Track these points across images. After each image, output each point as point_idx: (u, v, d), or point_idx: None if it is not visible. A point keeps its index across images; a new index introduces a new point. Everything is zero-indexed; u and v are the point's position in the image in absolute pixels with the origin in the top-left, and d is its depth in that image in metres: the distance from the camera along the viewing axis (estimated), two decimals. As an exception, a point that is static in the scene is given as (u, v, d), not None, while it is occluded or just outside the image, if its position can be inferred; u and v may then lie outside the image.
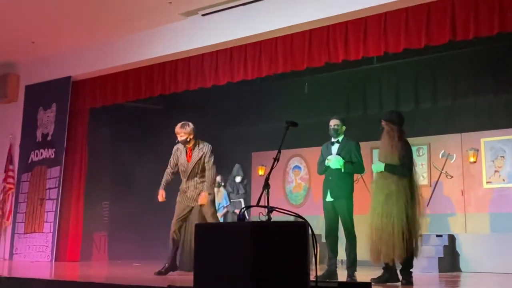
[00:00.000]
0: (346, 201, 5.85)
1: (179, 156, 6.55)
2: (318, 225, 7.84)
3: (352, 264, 5.77)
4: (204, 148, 6.45)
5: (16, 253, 9.72)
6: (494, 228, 8.18)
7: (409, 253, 5.37)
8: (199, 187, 6.42)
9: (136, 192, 9.63)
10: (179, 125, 6.42)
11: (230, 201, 10.02)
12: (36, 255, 9.40)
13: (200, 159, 6.42)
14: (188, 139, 6.39)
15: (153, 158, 9.69)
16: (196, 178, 6.45)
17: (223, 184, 9.83)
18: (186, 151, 6.51)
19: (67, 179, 9.52)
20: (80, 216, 9.51)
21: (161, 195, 6.55)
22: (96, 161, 9.84)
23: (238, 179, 9.96)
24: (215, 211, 6.53)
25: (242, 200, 9.80)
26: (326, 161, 5.93)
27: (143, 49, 8.69)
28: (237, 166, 10.09)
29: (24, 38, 9.17)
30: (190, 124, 6.43)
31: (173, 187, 7.73)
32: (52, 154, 9.72)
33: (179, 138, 6.41)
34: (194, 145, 6.46)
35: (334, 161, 5.87)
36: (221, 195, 9.67)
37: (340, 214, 5.86)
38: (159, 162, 9.60)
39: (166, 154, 9.70)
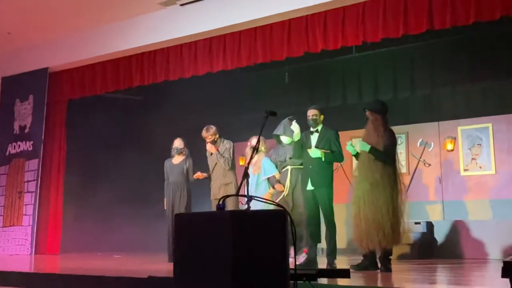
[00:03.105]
0: (327, 189, 5.89)
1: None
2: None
3: (331, 251, 5.82)
4: (227, 145, 6.96)
5: (-5, 247, 9.63)
6: (471, 215, 8.32)
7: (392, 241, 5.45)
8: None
9: (115, 183, 9.58)
10: (204, 130, 6.96)
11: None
12: (15, 248, 9.32)
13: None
14: (215, 140, 6.94)
15: (132, 149, 9.66)
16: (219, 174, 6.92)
17: (258, 147, 6.62)
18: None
19: (46, 172, 9.44)
20: (59, 208, 9.45)
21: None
22: (75, 152, 9.76)
23: (285, 139, 6.67)
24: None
25: (289, 167, 6.62)
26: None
27: (121, 40, 8.62)
28: (284, 122, 6.66)
29: (0, 29, 9.02)
30: (213, 126, 6.97)
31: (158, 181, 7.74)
32: (30, 147, 9.61)
33: (207, 141, 6.94)
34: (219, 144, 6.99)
35: (314, 150, 5.90)
36: (259, 164, 6.85)
37: (320, 203, 5.90)
38: (138, 153, 9.63)
39: (145, 145, 9.72)
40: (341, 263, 5.92)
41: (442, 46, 8.35)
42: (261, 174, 6.87)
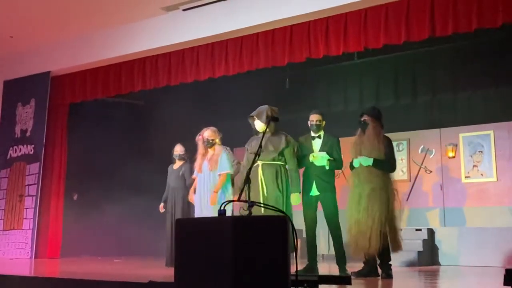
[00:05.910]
0: (331, 194, 5.86)
1: None
2: (299, 221, 7.87)
3: (341, 258, 5.73)
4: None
5: (-5, 250, 9.62)
6: (473, 222, 8.30)
7: (385, 247, 5.43)
8: None
9: (116, 187, 9.57)
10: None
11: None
12: (15, 252, 9.30)
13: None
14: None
15: (133, 153, 9.66)
16: None
17: (209, 139, 6.33)
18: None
19: (47, 176, 9.44)
20: (60, 212, 9.44)
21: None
22: (76, 156, 9.75)
23: (258, 125, 5.85)
24: None
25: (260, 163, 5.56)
26: (311, 158, 5.91)
27: (124, 44, 8.63)
28: (264, 107, 5.97)
29: (2, 33, 9.05)
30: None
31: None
32: (31, 150, 9.62)
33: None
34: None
35: (320, 159, 5.87)
36: (217, 158, 6.27)
37: (326, 208, 5.83)
38: (139, 157, 9.63)
39: (146, 149, 9.72)
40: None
41: (444, 53, 8.36)
42: (218, 169, 6.22)
